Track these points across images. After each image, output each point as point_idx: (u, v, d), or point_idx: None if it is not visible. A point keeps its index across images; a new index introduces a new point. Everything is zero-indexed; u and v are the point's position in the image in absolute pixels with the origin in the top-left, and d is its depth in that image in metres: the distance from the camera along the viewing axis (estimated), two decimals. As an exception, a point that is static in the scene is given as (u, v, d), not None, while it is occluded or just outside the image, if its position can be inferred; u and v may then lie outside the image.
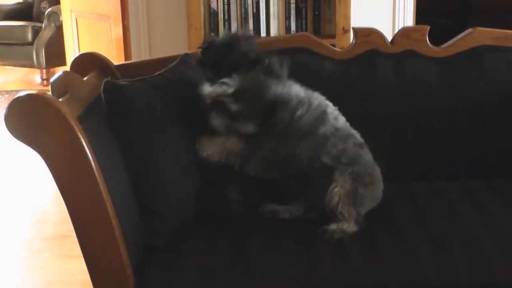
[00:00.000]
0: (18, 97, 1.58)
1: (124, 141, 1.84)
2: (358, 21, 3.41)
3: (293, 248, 1.85)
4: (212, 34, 2.01)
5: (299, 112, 1.93)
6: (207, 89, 1.90)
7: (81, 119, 1.68)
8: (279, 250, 1.85)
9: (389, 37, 2.38)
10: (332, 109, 2.04)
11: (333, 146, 1.97)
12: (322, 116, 2.00)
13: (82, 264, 1.70)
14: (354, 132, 2.05)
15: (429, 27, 2.36)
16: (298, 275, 1.76)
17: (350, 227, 1.93)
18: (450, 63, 2.34)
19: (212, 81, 1.91)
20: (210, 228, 1.95)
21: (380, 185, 2.03)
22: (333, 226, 1.92)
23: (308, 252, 1.83)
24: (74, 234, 1.67)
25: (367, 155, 2.04)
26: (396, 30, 2.45)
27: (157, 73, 2.09)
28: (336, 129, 2.00)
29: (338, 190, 1.95)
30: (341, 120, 2.05)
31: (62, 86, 1.80)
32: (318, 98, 2.02)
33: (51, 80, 1.83)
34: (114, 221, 1.64)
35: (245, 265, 1.79)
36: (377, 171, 2.03)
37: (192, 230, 1.94)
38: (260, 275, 1.76)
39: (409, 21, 3.76)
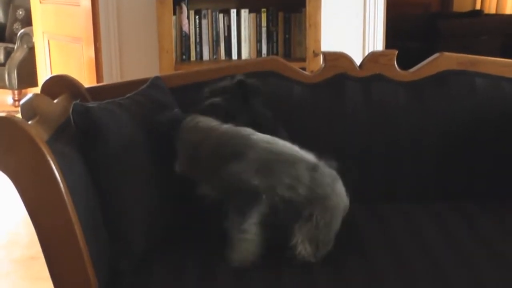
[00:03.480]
0: (-13, 120, 1.58)
1: (93, 164, 1.84)
2: (328, 44, 3.47)
3: (260, 272, 1.84)
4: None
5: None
6: None
7: (50, 142, 1.69)
8: (246, 275, 1.84)
9: (359, 61, 2.42)
10: (260, 135, 1.93)
11: (285, 175, 1.86)
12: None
13: (51, 286, 1.69)
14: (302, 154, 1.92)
15: (397, 51, 2.40)
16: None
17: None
18: (417, 87, 2.38)
19: None
20: (178, 252, 1.95)
21: (340, 211, 1.92)
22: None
23: (276, 276, 1.83)
24: (43, 256, 1.67)
25: (323, 177, 1.90)
26: (367, 54, 2.49)
27: (127, 95, 2.10)
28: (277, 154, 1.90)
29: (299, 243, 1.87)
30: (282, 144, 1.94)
31: (31, 109, 1.81)
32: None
33: (21, 102, 1.84)
34: (82, 244, 1.64)
35: (213, 289, 1.80)
36: (335, 195, 1.90)
37: (160, 253, 1.94)
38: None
39: (379, 45, 3.82)
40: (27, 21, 6.45)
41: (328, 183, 1.89)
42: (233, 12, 3.48)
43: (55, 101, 2.04)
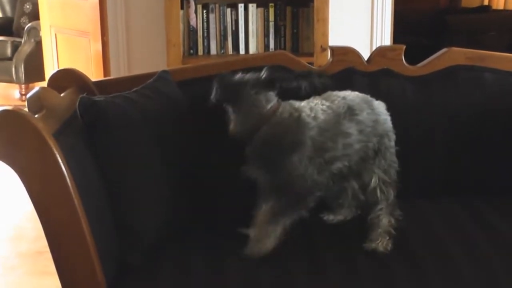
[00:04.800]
0: (-6, 113, 1.58)
1: (100, 157, 1.84)
2: (336, 39, 3.45)
3: (269, 271, 1.84)
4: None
5: None
6: None
7: (57, 135, 1.68)
8: (255, 270, 1.84)
9: (367, 56, 2.40)
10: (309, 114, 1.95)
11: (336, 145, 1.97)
12: None
13: (57, 281, 1.69)
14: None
15: (404, 46, 2.38)
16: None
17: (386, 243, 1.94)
18: (425, 82, 2.36)
19: None
20: (187, 246, 1.95)
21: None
22: (371, 245, 1.93)
23: (283, 269, 1.83)
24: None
25: (362, 111, 2.02)
26: (374, 49, 2.48)
27: (134, 89, 2.09)
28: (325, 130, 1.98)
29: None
30: None
31: (38, 102, 1.80)
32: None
33: (28, 96, 1.83)
34: (88, 238, 1.64)
35: (221, 285, 1.79)
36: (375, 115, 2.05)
37: (169, 247, 1.94)
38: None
39: (387, 40, 3.81)
40: (35, 15, 6.45)
41: (362, 106, 1.99)
42: (241, 7, 3.47)
43: (62, 94, 2.03)
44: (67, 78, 2.20)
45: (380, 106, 2.06)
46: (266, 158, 1.89)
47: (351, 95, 2.02)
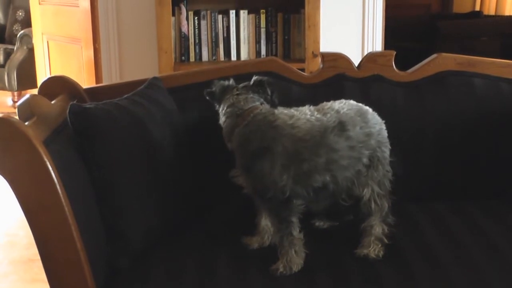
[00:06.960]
0: (-16, 121, 1.58)
1: (90, 164, 1.84)
2: (327, 45, 3.46)
3: (259, 275, 1.84)
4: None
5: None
6: None
7: (47, 143, 1.69)
8: (245, 274, 1.84)
9: (358, 62, 2.41)
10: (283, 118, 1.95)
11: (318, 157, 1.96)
12: None
13: (49, 288, 1.69)
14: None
15: (395, 52, 2.39)
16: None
17: (378, 249, 1.93)
18: (415, 87, 2.38)
19: None
20: (176, 249, 1.96)
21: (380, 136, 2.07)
22: (362, 251, 1.93)
23: (272, 279, 1.83)
24: (40, 258, 1.67)
25: (354, 126, 1.98)
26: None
27: (125, 96, 2.10)
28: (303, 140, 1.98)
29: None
30: None
31: (29, 110, 1.80)
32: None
33: (18, 103, 1.84)
34: (78, 244, 1.64)
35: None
36: (369, 126, 2.02)
37: (158, 252, 1.94)
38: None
39: (378, 46, 3.82)
40: (27, 22, 6.44)
41: (355, 121, 1.94)
42: (232, 13, 3.48)
43: (52, 102, 2.03)
44: (58, 85, 2.21)
45: (374, 116, 2.02)
46: (240, 161, 1.91)
47: (345, 108, 1.96)
